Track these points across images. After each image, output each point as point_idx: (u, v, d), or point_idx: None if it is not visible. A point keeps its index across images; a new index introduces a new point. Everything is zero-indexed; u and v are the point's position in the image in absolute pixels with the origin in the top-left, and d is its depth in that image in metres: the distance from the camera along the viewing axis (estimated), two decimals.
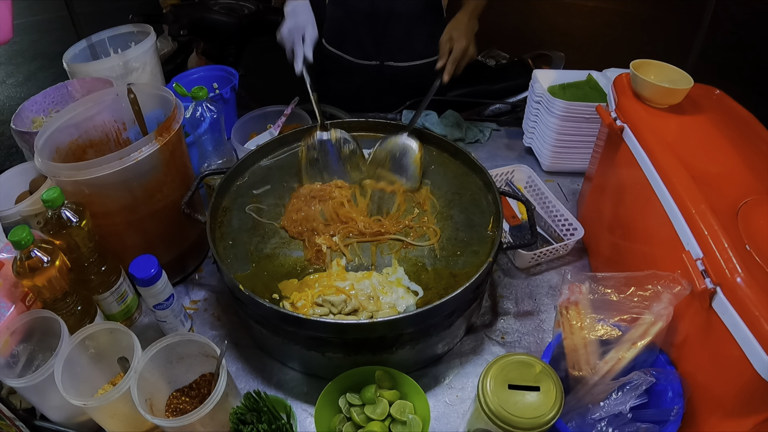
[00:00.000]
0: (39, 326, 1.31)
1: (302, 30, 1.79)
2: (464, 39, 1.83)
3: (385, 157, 1.69)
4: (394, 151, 1.69)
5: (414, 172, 1.65)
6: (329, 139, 1.70)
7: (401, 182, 1.65)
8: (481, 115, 2.51)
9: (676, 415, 1.15)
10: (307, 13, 1.84)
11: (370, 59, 2.34)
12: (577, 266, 1.75)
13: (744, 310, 0.99)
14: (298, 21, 1.80)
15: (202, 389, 1.35)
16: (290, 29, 1.80)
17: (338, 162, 1.70)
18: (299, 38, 1.79)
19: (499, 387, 1.07)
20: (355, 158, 1.71)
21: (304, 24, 1.80)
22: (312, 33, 1.81)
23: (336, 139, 1.70)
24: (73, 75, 1.98)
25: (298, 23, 1.80)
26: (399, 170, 1.66)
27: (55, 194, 1.29)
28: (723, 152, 1.34)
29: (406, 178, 1.65)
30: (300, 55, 1.78)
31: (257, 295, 1.27)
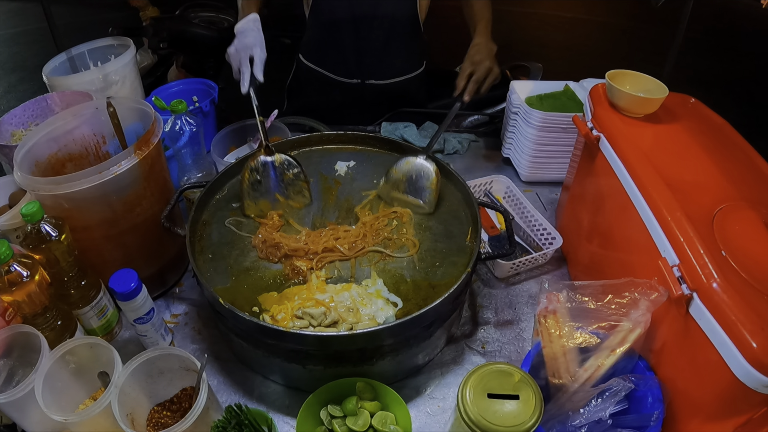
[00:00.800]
0: (19, 341, 1.30)
1: (249, 50, 1.79)
2: (487, 60, 1.85)
3: (401, 179, 1.65)
4: (411, 174, 1.65)
5: (430, 197, 1.61)
6: (272, 161, 1.65)
7: (418, 204, 1.62)
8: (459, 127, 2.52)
9: (656, 420, 1.15)
10: (256, 34, 1.82)
11: (352, 77, 2.35)
12: (556, 275, 1.76)
13: (721, 315, 1.01)
14: (246, 41, 1.79)
15: (183, 403, 1.35)
16: (237, 49, 1.80)
17: (280, 186, 1.65)
18: (246, 59, 1.78)
19: (479, 396, 1.08)
20: (298, 183, 1.66)
21: (252, 44, 1.79)
22: (261, 54, 1.80)
23: (280, 162, 1.66)
24: (53, 88, 1.98)
25: (246, 43, 1.79)
26: (415, 193, 1.63)
27: (35, 208, 1.29)
28: (698, 160, 1.36)
29: (423, 201, 1.62)
30: (246, 75, 1.77)
31: (237, 308, 1.26)
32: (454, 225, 1.55)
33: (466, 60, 1.88)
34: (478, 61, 1.84)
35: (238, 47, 1.79)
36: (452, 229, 1.54)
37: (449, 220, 1.57)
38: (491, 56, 1.88)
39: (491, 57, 1.88)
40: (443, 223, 1.56)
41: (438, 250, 1.49)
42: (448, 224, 1.56)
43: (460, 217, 1.58)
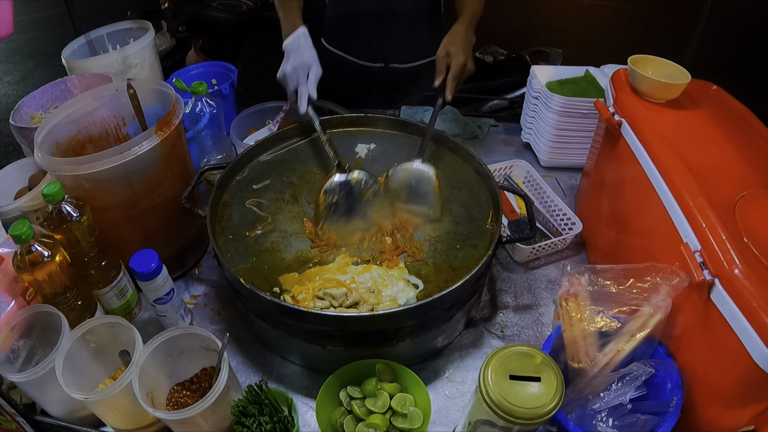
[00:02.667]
0: (39, 321, 1.31)
1: (307, 68, 1.73)
2: (462, 54, 1.75)
3: (399, 188, 1.58)
4: (409, 181, 1.58)
5: (434, 201, 1.55)
6: (349, 180, 1.55)
7: (424, 212, 1.55)
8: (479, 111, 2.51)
9: (675, 406, 1.15)
10: (311, 50, 1.76)
11: (375, 61, 2.32)
12: (575, 260, 1.76)
13: (742, 302, 1.00)
14: (303, 59, 1.73)
15: (203, 383, 1.36)
16: (295, 68, 1.72)
17: (360, 205, 1.55)
18: (304, 77, 1.72)
19: (501, 378, 1.07)
20: (377, 200, 1.57)
21: (309, 62, 1.74)
22: (317, 71, 1.75)
23: (356, 180, 1.56)
24: (72, 71, 1.98)
25: (303, 61, 1.73)
26: (418, 201, 1.56)
27: (56, 189, 1.30)
28: (720, 146, 1.35)
29: (428, 208, 1.55)
30: (305, 95, 1.71)
31: (258, 288, 1.27)
32: (475, 208, 1.55)
33: (441, 48, 1.79)
34: (453, 54, 1.75)
35: (295, 66, 1.73)
36: (473, 212, 1.54)
37: (470, 203, 1.57)
38: (467, 50, 1.79)
39: (467, 51, 1.78)
40: (464, 206, 1.56)
41: (459, 232, 1.49)
42: (469, 207, 1.56)
43: (480, 201, 1.57)
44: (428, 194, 1.56)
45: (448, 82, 1.73)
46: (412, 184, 1.57)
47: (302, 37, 1.77)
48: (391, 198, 1.57)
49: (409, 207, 1.56)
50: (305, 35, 1.78)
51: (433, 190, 1.56)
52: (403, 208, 1.57)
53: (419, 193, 1.57)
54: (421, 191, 1.57)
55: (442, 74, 1.75)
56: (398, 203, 1.57)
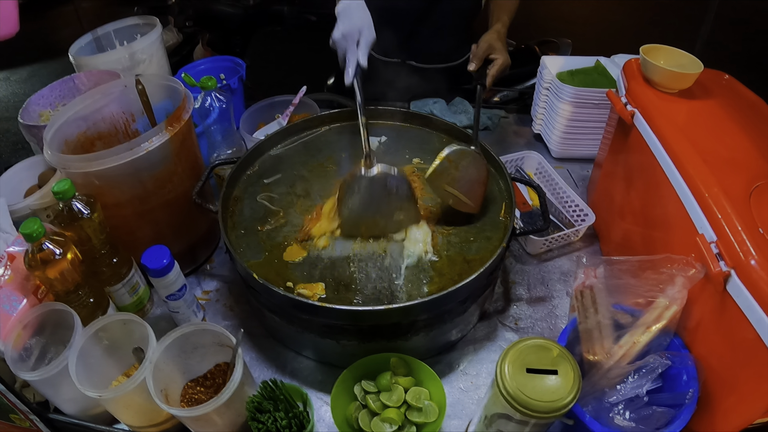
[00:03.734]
0: (51, 319, 1.31)
1: (357, 33, 1.58)
2: (505, 53, 1.79)
3: (453, 170, 1.45)
4: (465, 169, 1.45)
5: (479, 195, 1.48)
6: (375, 175, 1.44)
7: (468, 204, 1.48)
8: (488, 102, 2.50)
9: (691, 398, 1.14)
10: (364, 13, 1.62)
11: (391, 57, 2.30)
12: (588, 252, 1.75)
13: (758, 293, 0.99)
14: (353, 22, 1.58)
15: (217, 379, 1.35)
16: (344, 33, 1.58)
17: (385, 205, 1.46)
18: (353, 43, 1.58)
19: (517, 371, 1.07)
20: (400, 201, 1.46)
21: (360, 26, 1.59)
22: (368, 36, 1.60)
23: (381, 176, 1.44)
24: (80, 68, 1.98)
25: (354, 25, 1.58)
26: (465, 189, 1.46)
27: (66, 186, 1.29)
28: (733, 137, 1.33)
29: (471, 199, 1.48)
30: (353, 62, 1.57)
31: (271, 283, 1.26)
32: (488, 200, 1.54)
33: (483, 41, 1.79)
34: (498, 49, 1.78)
35: (344, 31, 1.58)
36: (486, 204, 1.52)
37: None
38: (506, 51, 1.82)
39: (506, 51, 1.82)
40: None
41: (472, 224, 1.48)
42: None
43: (493, 192, 1.56)
44: (475, 183, 1.47)
45: (489, 77, 1.74)
46: (464, 168, 1.45)
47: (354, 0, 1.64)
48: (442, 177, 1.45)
49: (458, 193, 1.46)
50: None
51: (481, 181, 1.48)
52: (452, 191, 1.46)
53: (471, 181, 1.47)
54: (473, 179, 1.47)
55: (480, 61, 1.78)
56: (446, 186, 1.46)
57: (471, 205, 1.48)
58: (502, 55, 1.77)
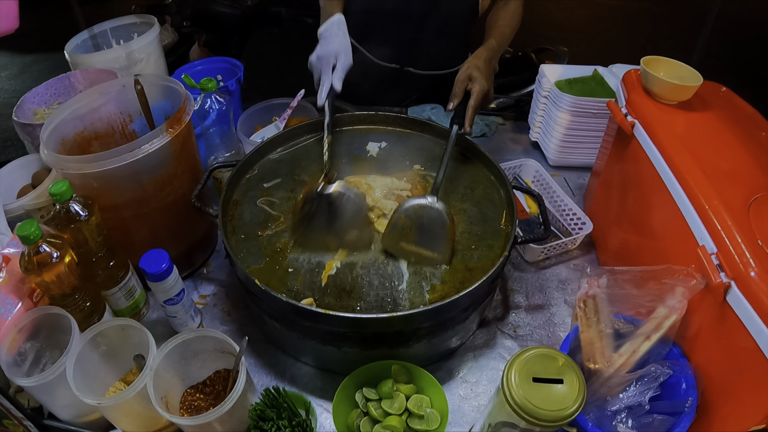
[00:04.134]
0: (46, 323, 1.28)
1: (333, 58, 1.64)
2: (485, 81, 1.60)
3: (409, 227, 1.41)
4: (421, 221, 1.41)
5: (445, 246, 1.41)
6: (331, 193, 1.44)
7: (432, 257, 1.41)
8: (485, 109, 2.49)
9: (690, 406, 1.15)
10: (342, 38, 1.67)
11: (390, 62, 2.27)
12: (585, 260, 1.76)
13: (758, 304, 1.01)
14: (330, 47, 1.64)
15: (217, 385, 1.34)
16: (319, 56, 1.65)
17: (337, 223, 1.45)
18: (328, 67, 1.63)
19: (524, 380, 1.07)
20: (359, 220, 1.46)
21: (336, 51, 1.64)
22: (345, 61, 1.65)
23: (338, 194, 1.44)
24: (76, 66, 1.95)
25: (330, 50, 1.64)
26: (427, 244, 1.41)
27: (64, 187, 1.27)
28: (732, 149, 1.35)
29: (437, 252, 1.41)
30: (326, 86, 1.62)
31: (272, 289, 1.25)
32: (488, 208, 1.54)
33: (462, 72, 1.64)
34: (476, 79, 1.60)
35: (320, 54, 1.65)
36: (486, 212, 1.53)
37: (483, 203, 1.56)
38: (490, 78, 1.65)
39: (489, 79, 1.65)
40: (477, 206, 1.55)
41: (473, 233, 1.48)
42: (483, 207, 1.55)
43: (493, 200, 1.56)
44: (439, 237, 1.41)
45: (469, 109, 1.57)
46: (423, 225, 1.41)
47: (335, 25, 1.69)
48: (397, 236, 1.43)
49: (417, 249, 1.42)
50: (340, 22, 1.70)
51: (445, 233, 1.41)
52: (409, 249, 1.42)
53: (430, 235, 1.41)
54: (432, 234, 1.41)
55: (458, 98, 1.61)
56: (404, 243, 1.42)
57: (438, 258, 1.41)
58: (479, 84, 1.59)
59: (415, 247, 1.41)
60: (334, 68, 1.63)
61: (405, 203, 1.42)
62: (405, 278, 1.37)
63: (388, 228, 1.43)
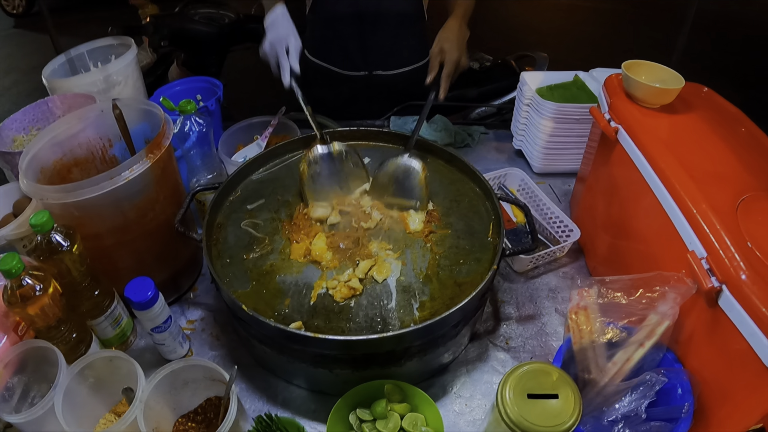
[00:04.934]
0: (33, 356, 1.26)
1: (284, 42, 1.74)
2: (456, 50, 1.77)
3: (388, 181, 1.61)
4: (397, 174, 1.61)
5: (421, 193, 1.58)
6: (330, 152, 1.65)
7: (411, 205, 1.58)
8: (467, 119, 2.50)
9: (687, 411, 1.15)
10: (288, 24, 1.78)
11: (358, 70, 2.32)
12: (574, 267, 1.75)
13: (750, 307, 1.00)
14: (279, 33, 1.75)
15: (209, 413, 1.32)
16: (271, 42, 1.75)
17: (341, 175, 1.64)
18: (282, 50, 1.73)
19: (519, 397, 1.07)
20: (359, 170, 1.66)
21: (286, 35, 1.75)
22: (295, 43, 1.76)
23: (337, 151, 1.65)
24: (53, 90, 1.93)
25: (279, 35, 1.74)
26: (405, 193, 1.59)
27: (44, 218, 1.25)
28: (717, 150, 1.35)
29: (415, 199, 1.58)
30: (286, 67, 1.73)
31: (260, 313, 1.23)
32: (475, 220, 1.53)
33: (435, 43, 1.81)
34: (447, 50, 1.77)
35: (272, 41, 1.75)
36: (473, 224, 1.52)
37: (470, 216, 1.55)
38: (461, 45, 1.81)
39: (461, 46, 1.81)
40: (464, 219, 1.54)
41: (461, 247, 1.47)
42: (469, 220, 1.54)
43: (480, 212, 1.55)
44: (414, 188, 1.59)
45: (442, 80, 1.75)
46: (399, 178, 1.60)
47: (279, 14, 1.79)
48: (381, 191, 1.62)
49: (396, 199, 1.60)
50: (282, 11, 1.80)
51: (419, 183, 1.59)
52: (391, 201, 1.60)
53: (405, 186, 1.60)
54: (407, 185, 1.60)
55: (435, 71, 1.78)
56: (386, 197, 1.61)
57: (415, 205, 1.58)
58: (450, 54, 1.77)
59: (395, 198, 1.60)
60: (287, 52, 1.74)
61: (383, 163, 1.63)
62: (394, 297, 1.36)
63: (373, 185, 1.64)
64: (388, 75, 2.34)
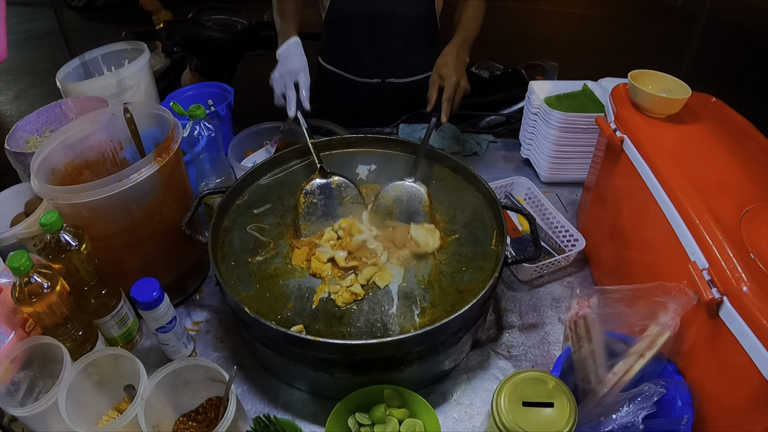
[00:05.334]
0: (39, 353, 1.29)
1: (294, 76, 1.77)
2: (454, 75, 1.74)
3: (390, 205, 1.58)
4: (401, 199, 1.58)
5: (425, 219, 1.55)
6: (329, 182, 1.62)
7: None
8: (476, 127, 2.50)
9: (686, 424, 1.14)
10: (300, 58, 1.81)
11: (372, 77, 2.34)
12: (578, 277, 1.75)
13: (751, 319, 0.99)
14: (290, 67, 1.78)
15: (209, 413, 1.34)
16: (282, 74, 1.78)
17: (339, 207, 1.60)
18: (291, 84, 1.76)
19: (514, 405, 1.07)
20: (356, 206, 1.61)
21: (297, 70, 1.78)
22: (305, 80, 1.78)
23: (336, 184, 1.62)
24: (67, 94, 1.96)
25: (291, 69, 1.78)
26: (407, 219, 1.55)
27: (54, 218, 1.27)
28: (722, 161, 1.34)
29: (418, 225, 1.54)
30: (293, 99, 1.75)
31: (262, 316, 1.25)
32: (479, 228, 1.54)
33: (434, 71, 1.80)
34: (445, 75, 1.75)
35: (282, 72, 1.78)
36: (477, 232, 1.53)
37: (474, 224, 1.55)
38: (460, 70, 1.78)
39: (459, 71, 1.77)
40: (468, 227, 1.55)
41: (464, 254, 1.48)
42: (473, 228, 1.54)
43: (484, 221, 1.56)
44: (419, 213, 1.56)
45: (443, 104, 1.72)
46: (403, 202, 1.58)
47: (293, 46, 1.83)
48: (382, 215, 1.58)
49: (398, 224, 1.56)
50: (296, 44, 1.84)
51: (424, 209, 1.56)
52: (392, 225, 1.56)
53: (410, 211, 1.57)
54: (412, 209, 1.57)
55: (434, 98, 1.75)
56: (387, 220, 1.58)
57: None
58: (449, 79, 1.74)
59: (396, 223, 1.56)
60: (296, 86, 1.77)
61: (387, 185, 1.60)
62: (395, 302, 1.36)
63: (373, 207, 1.60)
64: (401, 83, 2.35)
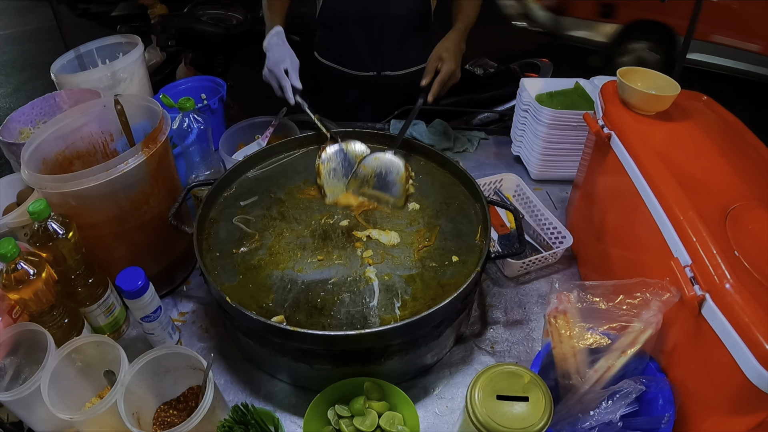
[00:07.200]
0: (26, 339, 1.30)
1: (281, 64, 1.81)
2: (453, 61, 1.87)
3: (369, 174, 1.68)
4: (380, 169, 1.68)
5: (399, 190, 1.64)
6: (342, 147, 1.72)
7: (388, 199, 1.64)
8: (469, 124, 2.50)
9: (667, 422, 1.14)
10: (282, 46, 1.87)
11: (367, 70, 2.35)
12: (566, 274, 1.75)
13: (733, 317, 0.99)
14: (275, 57, 1.83)
15: (190, 402, 1.34)
16: (269, 67, 1.84)
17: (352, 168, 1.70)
18: (281, 73, 1.80)
19: (488, 398, 1.06)
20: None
21: (281, 58, 1.83)
22: (292, 64, 1.83)
23: (348, 147, 1.73)
24: (61, 86, 1.97)
25: (275, 60, 1.83)
26: (384, 188, 1.66)
27: (41, 206, 1.28)
28: (711, 158, 1.34)
29: (391, 195, 1.64)
30: (288, 87, 1.80)
31: (244, 306, 1.26)
32: (464, 223, 1.54)
33: (434, 53, 1.91)
34: (445, 59, 1.87)
35: (269, 65, 1.84)
36: (462, 227, 1.53)
37: (459, 219, 1.56)
38: (458, 58, 1.91)
39: (457, 59, 1.91)
40: (452, 222, 1.55)
41: (447, 248, 1.48)
42: (458, 222, 1.55)
43: (469, 216, 1.56)
44: (394, 184, 1.66)
45: (434, 85, 1.85)
46: (381, 173, 1.68)
47: (274, 36, 1.90)
48: (361, 182, 1.68)
49: (375, 192, 1.66)
50: (278, 34, 1.91)
51: (399, 180, 1.65)
52: (369, 193, 1.67)
53: (387, 181, 1.67)
54: (388, 180, 1.67)
55: (430, 75, 1.87)
56: (365, 188, 1.67)
57: (393, 201, 1.64)
58: (447, 64, 1.86)
59: (374, 191, 1.66)
60: (287, 72, 1.82)
61: (368, 156, 1.71)
62: (376, 295, 1.37)
63: (353, 176, 1.69)
64: (396, 75, 2.37)
